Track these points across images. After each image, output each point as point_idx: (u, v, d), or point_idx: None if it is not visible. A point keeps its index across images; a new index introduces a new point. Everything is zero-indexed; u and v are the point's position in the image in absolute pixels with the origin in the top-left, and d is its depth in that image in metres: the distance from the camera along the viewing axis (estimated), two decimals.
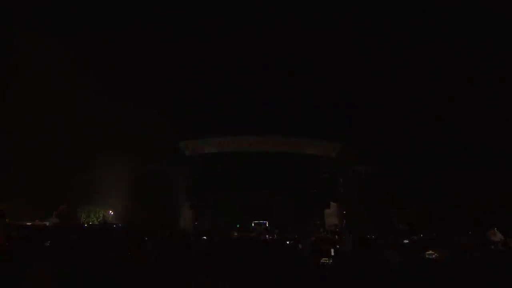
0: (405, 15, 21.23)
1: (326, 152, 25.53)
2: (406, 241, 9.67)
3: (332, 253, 5.06)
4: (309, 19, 23.59)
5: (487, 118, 19.92)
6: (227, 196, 24.50)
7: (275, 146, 25.37)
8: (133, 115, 21.07)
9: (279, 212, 24.17)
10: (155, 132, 21.39)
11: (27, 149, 17.98)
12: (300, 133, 25.18)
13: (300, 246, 6.68)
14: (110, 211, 21.23)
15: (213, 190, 24.98)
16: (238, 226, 18.83)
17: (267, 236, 15.45)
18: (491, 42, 19.30)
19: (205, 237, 9.21)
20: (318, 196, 25.06)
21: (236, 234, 16.33)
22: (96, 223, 20.23)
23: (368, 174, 24.46)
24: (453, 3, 19.53)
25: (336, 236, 14.51)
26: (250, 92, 24.51)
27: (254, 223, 24.00)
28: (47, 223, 14.42)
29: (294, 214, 23.99)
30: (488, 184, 18.17)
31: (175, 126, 22.96)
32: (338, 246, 6.41)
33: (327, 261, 4.16)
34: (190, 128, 24.71)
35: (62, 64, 18.03)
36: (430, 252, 4.81)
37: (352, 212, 23.31)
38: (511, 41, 18.16)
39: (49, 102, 17.89)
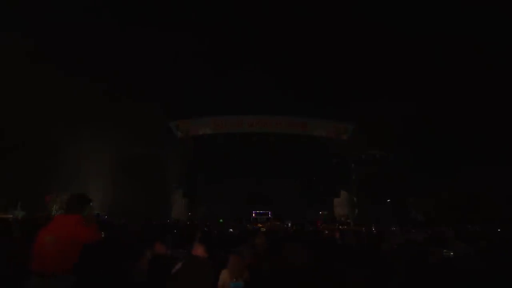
0: None
1: (336, 134, 23.13)
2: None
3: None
4: None
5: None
6: (224, 184, 22.50)
7: (278, 127, 22.86)
8: (117, 91, 19.27)
9: (283, 201, 22.39)
10: (143, 111, 19.28)
11: None
12: (307, 112, 23.02)
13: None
14: None
15: (209, 176, 22.95)
16: (221, 221, 17.01)
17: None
18: None
19: (231, 230, 8.87)
20: (326, 183, 22.91)
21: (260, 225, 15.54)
22: None
23: (382, 159, 22.27)
24: None
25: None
26: (252, 66, 22.60)
27: (255, 213, 21.97)
28: (11, 216, 12.34)
29: (300, 203, 22.32)
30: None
31: (165, 103, 20.66)
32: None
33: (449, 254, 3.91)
34: (182, 106, 22.39)
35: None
36: None
37: (365, 202, 21.30)
38: None
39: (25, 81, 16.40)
